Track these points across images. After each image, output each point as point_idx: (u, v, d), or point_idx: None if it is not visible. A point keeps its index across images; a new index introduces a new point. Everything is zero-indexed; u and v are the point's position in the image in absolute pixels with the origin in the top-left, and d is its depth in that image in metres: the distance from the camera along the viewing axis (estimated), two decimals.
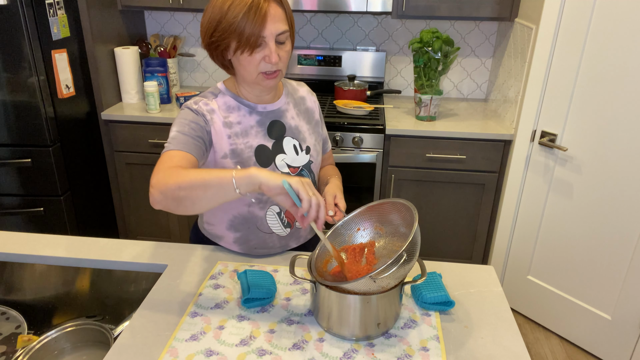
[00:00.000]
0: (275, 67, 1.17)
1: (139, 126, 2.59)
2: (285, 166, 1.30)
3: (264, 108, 1.30)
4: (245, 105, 1.28)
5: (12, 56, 2.16)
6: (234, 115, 1.26)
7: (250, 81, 1.21)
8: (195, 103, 1.24)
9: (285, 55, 1.19)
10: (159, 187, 1.04)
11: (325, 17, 2.91)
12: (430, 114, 2.55)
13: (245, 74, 1.19)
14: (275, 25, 1.13)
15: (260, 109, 1.29)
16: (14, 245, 1.39)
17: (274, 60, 1.14)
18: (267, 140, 1.28)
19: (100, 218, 2.77)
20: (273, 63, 1.15)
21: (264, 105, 1.29)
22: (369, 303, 1.01)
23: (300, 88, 1.43)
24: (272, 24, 1.12)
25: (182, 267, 1.30)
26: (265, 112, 1.30)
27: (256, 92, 1.27)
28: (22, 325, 1.31)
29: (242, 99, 1.28)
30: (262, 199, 1.30)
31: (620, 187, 2.02)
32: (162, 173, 1.06)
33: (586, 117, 2.07)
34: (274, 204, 1.31)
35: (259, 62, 1.16)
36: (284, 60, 1.19)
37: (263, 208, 1.31)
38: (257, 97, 1.28)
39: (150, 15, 3.00)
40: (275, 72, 1.19)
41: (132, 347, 1.03)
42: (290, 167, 1.31)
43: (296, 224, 1.38)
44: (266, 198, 1.30)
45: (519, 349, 1.05)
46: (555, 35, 2.08)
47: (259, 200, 1.29)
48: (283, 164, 1.29)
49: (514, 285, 2.54)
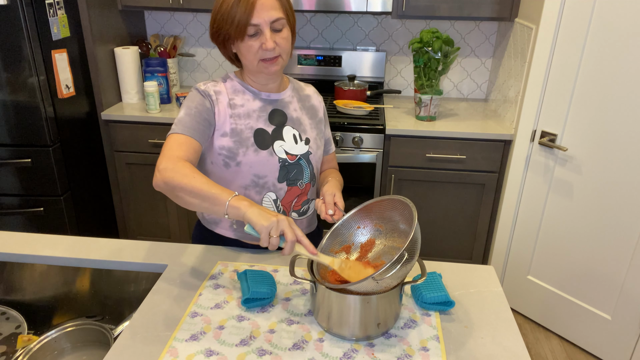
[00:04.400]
0: (273, 53, 1.22)
1: (139, 126, 2.59)
2: (284, 152, 1.33)
3: (268, 96, 1.35)
4: (250, 91, 1.33)
5: (12, 56, 2.16)
6: (239, 98, 1.31)
7: (253, 69, 1.27)
8: (204, 84, 1.31)
9: (283, 41, 1.23)
10: (165, 178, 1.11)
11: (325, 17, 2.91)
12: (430, 114, 2.55)
13: (247, 62, 1.26)
14: (267, 13, 1.19)
15: (264, 96, 1.34)
16: (14, 245, 1.39)
17: (270, 46, 1.20)
18: (267, 126, 1.32)
19: (100, 218, 2.77)
20: (269, 49, 1.21)
21: (268, 94, 1.35)
22: (369, 303, 1.01)
23: (307, 88, 1.48)
24: (264, 12, 1.18)
25: (182, 267, 1.30)
26: (268, 100, 1.34)
27: (261, 80, 1.32)
28: (22, 325, 1.31)
29: (248, 85, 1.34)
30: (259, 183, 1.32)
31: (620, 187, 2.02)
32: (172, 164, 1.12)
33: (586, 117, 2.07)
34: (271, 190, 1.33)
35: (257, 49, 1.22)
36: (282, 47, 1.24)
37: (259, 193, 1.33)
38: (262, 85, 1.34)
39: (150, 15, 3.00)
40: (275, 58, 1.24)
41: (132, 347, 1.03)
42: (288, 154, 1.33)
43: (292, 214, 1.39)
44: (262, 182, 1.32)
45: (519, 349, 1.05)
46: (555, 35, 2.08)
47: (256, 184, 1.32)
48: (281, 150, 1.33)
49: (514, 285, 2.54)
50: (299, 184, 1.37)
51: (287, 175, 1.34)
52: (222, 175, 1.32)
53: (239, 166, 1.30)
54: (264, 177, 1.32)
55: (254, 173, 1.31)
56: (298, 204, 1.39)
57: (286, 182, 1.34)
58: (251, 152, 1.29)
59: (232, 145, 1.28)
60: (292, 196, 1.37)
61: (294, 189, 1.36)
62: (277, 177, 1.33)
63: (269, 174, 1.32)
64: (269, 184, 1.33)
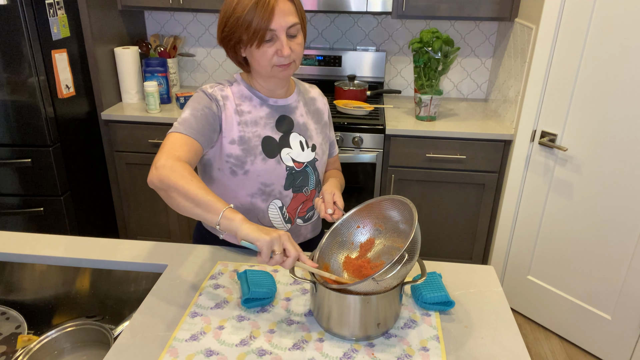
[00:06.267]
0: (288, 60, 1.20)
1: (139, 126, 2.59)
2: (290, 160, 1.32)
3: (275, 102, 1.33)
4: (257, 97, 1.31)
5: (12, 56, 2.16)
6: (246, 104, 1.29)
7: (265, 75, 1.25)
8: (211, 87, 1.28)
9: (298, 47, 1.22)
10: (161, 175, 1.08)
11: (325, 17, 2.91)
12: (430, 114, 2.55)
13: (259, 68, 1.23)
14: (284, 19, 1.16)
15: (272, 102, 1.32)
16: (14, 245, 1.39)
17: (286, 53, 1.18)
18: (274, 133, 1.31)
19: (100, 218, 2.77)
20: (285, 56, 1.18)
21: (275, 100, 1.33)
22: (369, 303, 1.01)
23: (312, 90, 1.46)
24: (281, 18, 1.15)
25: (182, 267, 1.30)
26: (275, 106, 1.33)
27: (270, 86, 1.30)
28: (22, 325, 1.31)
29: (255, 90, 1.31)
30: (266, 190, 1.31)
31: (620, 187, 2.02)
32: (170, 162, 1.09)
33: (586, 117, 2.07)
34: (277, 198, 1.32)
35: (272, 55, 1.19)
36: (296, 53, 1.22)
37: (266, 200, 1.33)
38: (270, 91, 1.32)
39: (150, 15, 3.00)
40: (289, 64, 1.22)
41: (132, 347, 1.03)
42: (295, 162, 1.32)
43: (297, 220, 1.38)
44: (269, 190, 1.31)
45: (519, 349, 1.05)
46: (555, 35, 2.08)
47: (262, 192, 1.31)
48: (288, 158, 1.32)
49: (514, 285, 2.54)
50: (305, 190, 1.36)
51: (293, 183, 1.33)
52: (228, 182, 1.31)
53: (246, 174, 1.29)
54: (270, 185, 1.31)
55: (262, 181, 1.30)
56: (303, 210, 1.39)
57: (292, 189, 1.34)
58: (259, 161, 1.28)
59: (240, 153, 1.27)
60: (297, 203, 1.36)
61: (300, 195, 1.36)
62: (283, 185, 1.32)
63: (276, 182, 1.31)
64: (275, 191, 1.32)
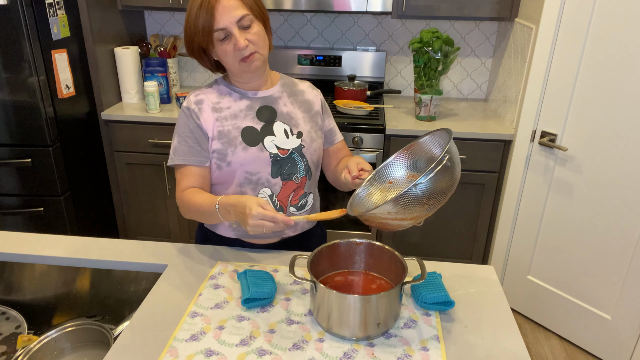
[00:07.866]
0: (248, 51, 1.23)
1: (139, 126, 2.59)
2: (274, 147, 1.33)
3: (255, 94, 1.36)
4: (236, 92, 1.35)
5: (12, 56, 2.16)
6: (225, 100, 1.34)
7: (236, 71, 1.29)
8: (186, 100, 1.33)
9: (254, 37, 1.23)
10: (179, 207, 1.33)
11: (325, 17, 2.91)
12: (430, 114, 2.55)
13: (229, 66, 1.28)
14: (230, 15, 1.19)
15: (251, 94, 1.36)
16: (14, 245, 1.39)
17: (242, 46, 1.21)
18: (255, 123, 1.33)
19: (100, 218, 2.77)
20: (242, 48, 1.21)
21: (254, 92, 1.36)
22: (369, 303, 1.01)
23: (301, 83, 1.47)
24: (226, 14, 1.19)
25: (182, 267, 1.30)
26: (255, 98, 1.36)
27: (246, 79, 1.33)
28: (22, 325, 1.31)
29: (234, 87, 1.35)
30: (252, 179, 1.33)
31: (620, 187, 2.02)
32: (178, 201, 1.32)
33: (586, 117, 2.07)
34: (266, 187, 1.34)
35: (232, 52, 1.23)
36: (255, 42, 1.24)
37: (254, 189, 1.34)
38: (248, 84, 1.35)
39: (150, 15, 3.00)
40: (252, 55, 1.24)
41: (132, 347, 1.03)
42: (279, 149, 1.34)
43: (290, 209, 1.39)
44: (256, 179, 1.33)
45: (519, 349, 1.05)
46: (555, 35, 2.08)
47: (249, 181, 1.33)
48: (272, 145, 1.33)
49: (514, 285, 2.54)
50: (294, 177, 1.36)
51: (281, 170, 1.34)
52: (217, 177, 1.34)
53: (229, 166, 1.31)
54: (256, 174, 1.32)
55: (246, 170, 1.31)
56: (295, 198, 1.39)
57: (280, 177, 1.34)
58: (240, 150, 1.30)
59: (221, 147, 1.30)
60: (288, 191, 1.37)
61: (290, 183, 1.36)
62: (270, 172, 1.33)
63: (261, 170, 1.32)
64: (262, 179, 1.33)
